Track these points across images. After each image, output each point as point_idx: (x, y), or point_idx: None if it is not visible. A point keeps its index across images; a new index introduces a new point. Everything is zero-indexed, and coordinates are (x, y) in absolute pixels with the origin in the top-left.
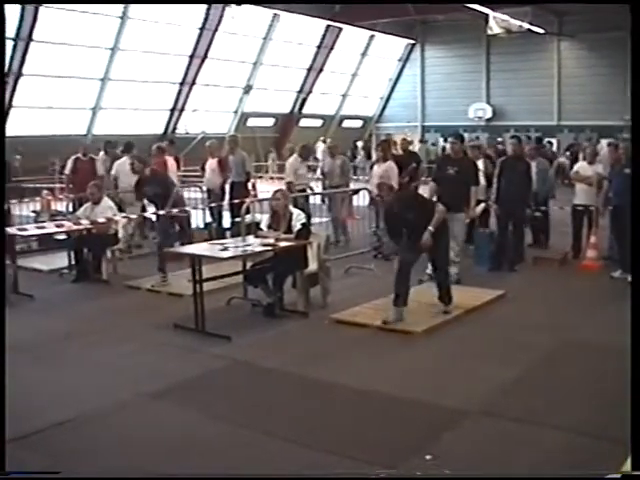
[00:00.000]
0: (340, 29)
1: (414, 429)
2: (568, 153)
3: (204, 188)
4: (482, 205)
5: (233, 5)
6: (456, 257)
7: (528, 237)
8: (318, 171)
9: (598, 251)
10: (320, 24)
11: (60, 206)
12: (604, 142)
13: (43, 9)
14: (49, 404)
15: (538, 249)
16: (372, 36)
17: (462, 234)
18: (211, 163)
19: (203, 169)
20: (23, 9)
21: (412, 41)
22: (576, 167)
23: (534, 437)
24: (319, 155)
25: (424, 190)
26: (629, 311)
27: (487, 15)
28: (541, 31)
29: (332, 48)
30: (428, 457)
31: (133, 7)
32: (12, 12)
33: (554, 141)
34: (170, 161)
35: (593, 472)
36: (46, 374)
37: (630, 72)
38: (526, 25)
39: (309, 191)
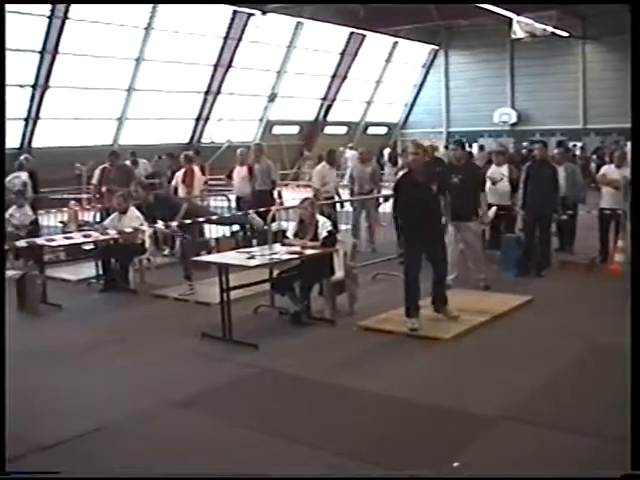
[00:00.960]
0: (364, 36)
1: (442, 436)
2: (595, 156)
3: (231, 196)
4: (493, 209)
5: (257, 14)
6: (477, 263)
7: (555, 242)
8: (346, 178)
9: (625, 255)
10: (343, 31)
11: (87, 216)
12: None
13: (69, 22)
14: (76, 412)
15: (565, 254)
16: (396, 42)
17: (478, 242)
18: (240, 170)
19: (229, 177)
20: (50, 22)
21: (436, 47)
22: (602, 170)
23: (562, 445)
24: (349, 162)
25: None
26: None
27: (511, 19)
28: (565, 34)
29: (356, 55)
30: (456, 464)
31: (158, 18)
32: (39, 25)
33: (579, 144)
34: (197, 170)
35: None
36: (74, 382)
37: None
38: (550, 29)
39: (337, 198)
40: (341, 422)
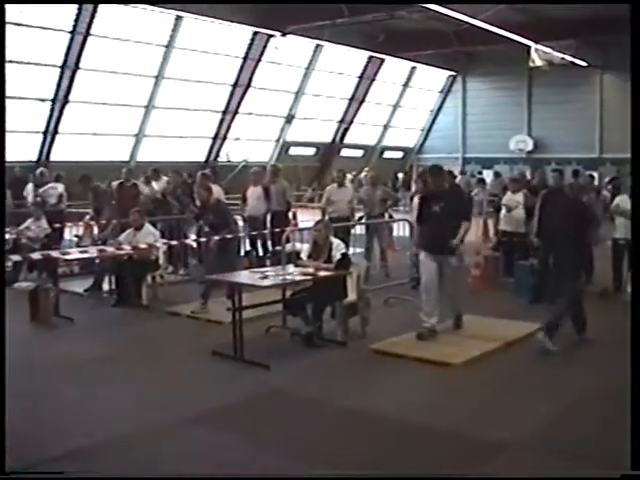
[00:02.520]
0: (382, 60)
1: (451, 462)
2: (610, 186)
3: (244, 216)
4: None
5: (277, 35)
6: (454, 299)
7: None
8: (354, 201)
9: None
10: (362, 55)
11: None
12: None
13: (91, 38)
14: (84, 425)
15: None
16: (414, 67)
17: (459, 277)
18: (254, 191)
19: (244, 199)
20: (72, 38)
21: (454, 73)
22: (617, 200)
23: (569, 474)
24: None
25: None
26: None
27: (529, 47)
28: (584, 64)
29: (374, 79)
30: None
31: (179, 37)
32: (60, 40)
33: (595, 174)
34: (215, 188)
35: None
36: (84, 396)
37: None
38: (569, 58)
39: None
40: (347, 443)
